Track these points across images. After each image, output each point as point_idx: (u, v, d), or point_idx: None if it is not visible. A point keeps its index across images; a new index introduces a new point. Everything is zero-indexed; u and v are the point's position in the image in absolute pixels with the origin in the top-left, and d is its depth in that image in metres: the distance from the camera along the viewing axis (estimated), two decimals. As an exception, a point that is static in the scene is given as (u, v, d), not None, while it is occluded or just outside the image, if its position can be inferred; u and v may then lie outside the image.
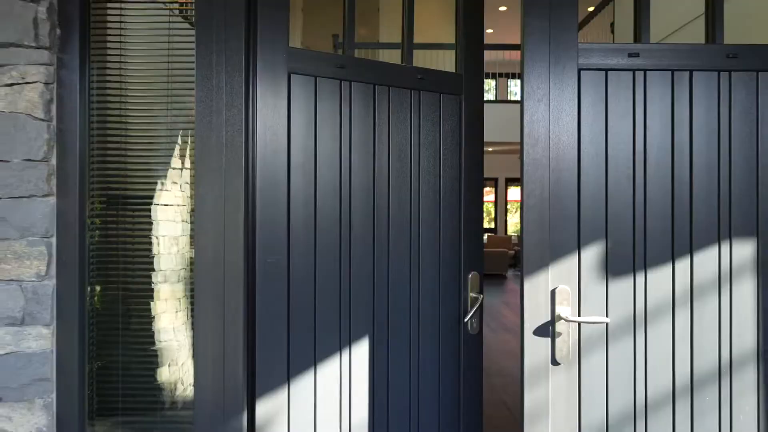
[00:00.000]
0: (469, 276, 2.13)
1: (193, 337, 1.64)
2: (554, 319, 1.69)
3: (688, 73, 1.73)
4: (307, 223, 1.82)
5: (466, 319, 2.08)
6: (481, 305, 2.11)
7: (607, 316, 1.71)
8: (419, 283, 2.04)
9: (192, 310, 1.71)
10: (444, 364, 2.09)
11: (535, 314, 1.70)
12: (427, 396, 2.06)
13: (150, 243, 1.80)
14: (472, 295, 2.11)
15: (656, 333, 1.71)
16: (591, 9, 7.60)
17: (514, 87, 15.69)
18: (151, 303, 1.82)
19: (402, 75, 1.99)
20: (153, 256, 1.81)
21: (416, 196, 2.03)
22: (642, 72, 1.73)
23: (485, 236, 15.52)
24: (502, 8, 11.65)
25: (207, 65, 1.64)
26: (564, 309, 1.69)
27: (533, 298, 1.70)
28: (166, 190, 1.82)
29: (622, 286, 1.71)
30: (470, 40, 2.11)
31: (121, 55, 1.76)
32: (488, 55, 12.97)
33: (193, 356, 1.65)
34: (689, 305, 1.71)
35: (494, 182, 16.03)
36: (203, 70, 1.64)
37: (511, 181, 16.07)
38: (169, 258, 1.83)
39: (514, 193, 16.32)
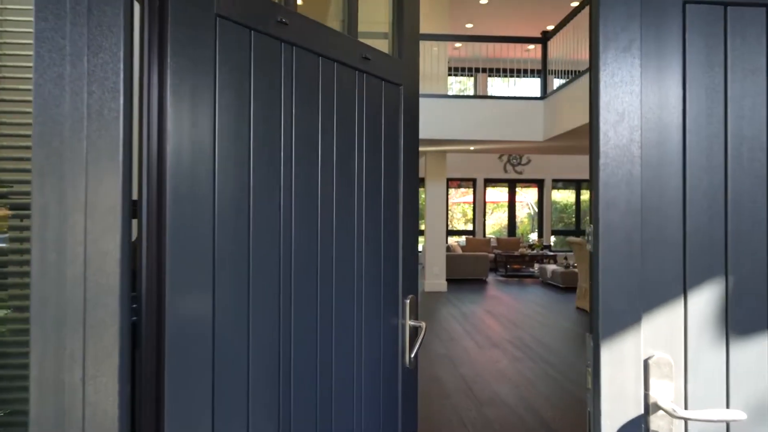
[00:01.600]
0: (407, 301, 1.63)
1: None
2: (649, 409, 1.03)
3: None
4: (238, 251, 1.13)
5: (412, 355, 1.62)
6: (423, 336, 1.65)
7: (728, 401, 1.06)
8: (363, 321, 1.48)
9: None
10: (386, 411, 1.56)
11: (618, 402, 1.03)
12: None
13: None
14: (411, 323, 1.63)
15: (804, 426, 1.07)
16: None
17: (491, 87, 15.13)
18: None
19: (349, 50, 1.44)
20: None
21: (360, 209, 1.48)
22: (779, 8, 1.09)
23: (464, 238, 14.93)
24: (483, 1, 11.04)
25: (56, -25, 0.92)
26: (663, 389, 1.03)
27: (615, 376, 1.03)
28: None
29: (751, 352, 1.06)
30: (407, 22, 1.67)
31: None
32: (470, 50, 12.36)
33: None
34: None
35: (472, 183, 15.47)
36: (49, -15, 0.92)
37: (489, 182, 15.52)
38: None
39: (492, 194, 15.77)
